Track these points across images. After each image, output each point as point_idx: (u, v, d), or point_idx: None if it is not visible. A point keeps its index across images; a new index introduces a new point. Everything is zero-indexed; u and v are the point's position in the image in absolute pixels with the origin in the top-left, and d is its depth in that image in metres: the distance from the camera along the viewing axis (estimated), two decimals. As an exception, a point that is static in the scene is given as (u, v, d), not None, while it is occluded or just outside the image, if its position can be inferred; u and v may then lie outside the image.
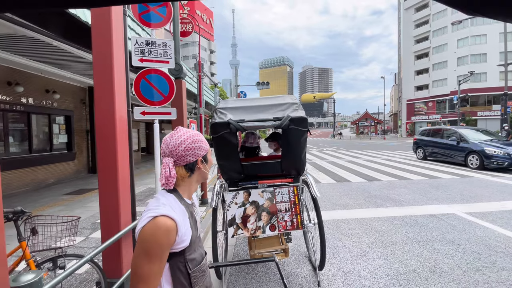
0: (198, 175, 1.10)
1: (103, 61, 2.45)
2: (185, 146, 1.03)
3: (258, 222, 2.51)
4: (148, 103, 3.94)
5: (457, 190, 6.89)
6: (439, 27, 44.34)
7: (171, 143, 1.02)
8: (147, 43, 3.95)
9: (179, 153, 1.02)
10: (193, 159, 1.05)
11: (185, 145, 1.03)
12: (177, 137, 1.04)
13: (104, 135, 2.48)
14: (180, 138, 1.03)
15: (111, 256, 2.54)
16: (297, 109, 2.46)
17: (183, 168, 1.04)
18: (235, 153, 2.48)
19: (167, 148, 1.03)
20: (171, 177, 0.99)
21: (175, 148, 1.02)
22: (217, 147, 2.51)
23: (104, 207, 2.51)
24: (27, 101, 7.79)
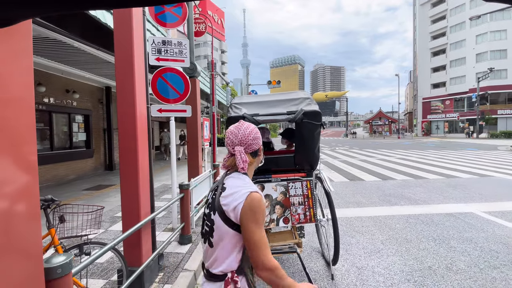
0: (257, 160, 1.27)
1: (125, 59, 2.57)
2: (253, 136, 1.19)
3: (272, 215, 2.56)
4: (165, 101, 4.07)
5: (476, 189, 6.70)
6: (456, 23, 42.88)
7: (240, 134, 1.18)
8: (163, 42, 4.07)
9: (248, 141, 1.18)
10: (256, 147, 1.22)
11: (252, 135, 1.19)
12: (244, 128, 1.20)
13: (126, 131, 2.59)
14: (248, 129, 1.20)
15: (131, 245, 2.66)
16: (311, 104, 2.49)
17: (249, 155, 1.21)
18: None
19: (236, 138, 1.18)
20: (246, 162, 1.16)
21: (245, 138, 1.18)
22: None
23: (125, 199, 2.63)
24: (49, 100, 8.14)
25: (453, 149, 18.28)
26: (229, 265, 1.09)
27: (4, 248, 1.10)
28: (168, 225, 4.48)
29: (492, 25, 38.41)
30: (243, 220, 1.04)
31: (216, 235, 1.10)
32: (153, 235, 3.02)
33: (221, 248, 1.09)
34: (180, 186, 3.68)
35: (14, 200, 1.15)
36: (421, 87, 48.90)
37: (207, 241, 1.14)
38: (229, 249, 1.09)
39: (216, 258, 1.10)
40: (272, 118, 2.39)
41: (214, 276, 1.11)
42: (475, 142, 26.48)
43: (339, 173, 9.80)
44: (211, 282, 1.13)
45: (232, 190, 1.10)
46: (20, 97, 1.17)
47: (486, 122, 36.63)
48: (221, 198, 1.10)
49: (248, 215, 1.03)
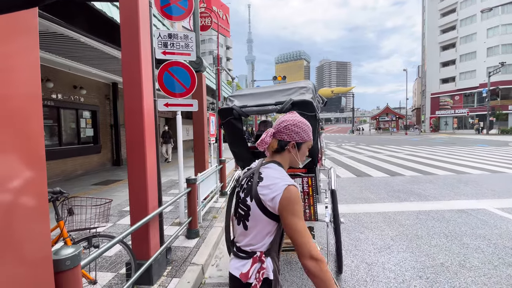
0: (288, 156, 1.24)
1: (132, 54, 2.53)
2: (286, 125, 1.20)
3: None
4: (171, 95, 4.04)
5: (488, 185, 6.54)
6: (467, 16, 41.78)
7: (280, 120, 1.23)
8: (169, 36, 4.03)
9: (279, 128, 1.21)
10: (287, 138, 1.21)
11: (286, 124, 1.20)
12: (286, 116, 1.24)
13: (133, 125, 2.57)
14: (287, 118, 1.23)
15: (140, 239, 2.66)
16: (304, 93, 2.27)
17: (276, 142, 1.22)
18: (242, 139, 2.47)
19: (276, 123, 1.24)
20: (264, 142, 1.21)
21: (279, 124, 1.22)
22: (226, 134, 2.53)
23: (133, 193, 2.62)
24: (57, 96, 8.21)
25: (462, 145, 17.93)
26: (260, 246, 1.16)
27: (13, 240, 1.09)
28: (176, 219, 4.48)
29: (503, 18, 37.31)
30: (283, 213, 1.07)
31: (252, 220, 1.16)
32: (161, 229, 3.02)
33: (256, 232, 1.16)
34: (187, 181, 3.66)
35: (22, 192, 1.14)
36: (429, 82, 47.98)
37: (242, 223, 1.21)
38: (263, 234, 1.15)
39: (250, 240, 1.17)
40: (260, 109, 2.24)
41: (243, 253, 1.19)
42: (485, 138, 25.94)
43: (346, 169, 9.69)
44: (238, 259, 1.21)
45: (269, 181, 1.13)
46: (28, 92, 1.16)
47: (496, 118, 35.81)
48: (258, 188, 1.14)
49: (287, 208, 1.06)
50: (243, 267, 1.17)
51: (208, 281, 2.87)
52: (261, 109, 2.24)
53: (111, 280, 2.70)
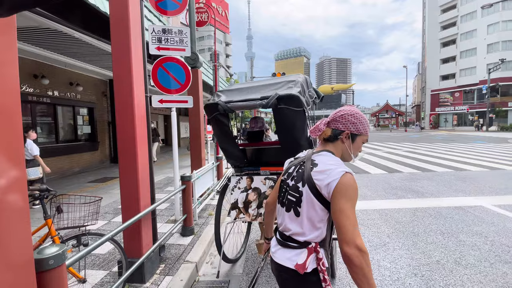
0: (341, 147, 1.22)
1: (121, 47, 2.48)
2: (342, 114, 1.19)
3: (259, 209, 2.43)
4: (166, 91, 3.99)
5: (486, 182, 6.52)
6: (467, 12, 41.53)
7: (340, 111, 1.22)
8: (163, 31, 3.97)
9: (335, 117, 1.20)
10: (341, 127, 1.19)
11: (342, 113, 1.19)
12: (345, 107, 1.23)
13: (124, 122, 2.53)
14: (345, 108, 1.22)
15: (131, 237, 2.62)
16: (292, 87, 2.14)
17: (330, 130, 1.22)
18: (230, 136, 2.42)
19: (337, 113, 1.22)
20: (317, 128, 1.20)
21: (336, 113, 1.22)
22: (213, 130, 2.47)
23: (124, 191, 2.59)
24: (53, 93, 8.14)
25: (462, 142, 17.90)
26: (314, 236, 1.15)
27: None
28: (171, 216, 4.45)
29: (504, 15, 37.09)
30: (336, 197, 1.04)
31: (304, 206, 1.15)
32: (154, 226, 2.99)
33: (308, 219, 1.14)
34: (182, 178, 3.62)
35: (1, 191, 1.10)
36: (429, 79, 47.84)
37: (293, 210, 1.19)
38: (315, 221, 1.14)
39: (302, 227, 1.16)
40: (245, 104, 2.15)
41: (295, 242, 1.18)
42: (484, 135, 25.91)
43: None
44: (287, 249, 1.20)
45: (325, 167, 1.12)
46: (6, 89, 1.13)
47: (496, 115, 35.75)
48: (313, 173, 1.13)
49: (342, 193, 1.04)
50: (297, 257, 1.15)
51: (202, 278, 2.85)
52: (246, 104, 2.16)
53: (103, 278, 2.67)
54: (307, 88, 2.38)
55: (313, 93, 2.59)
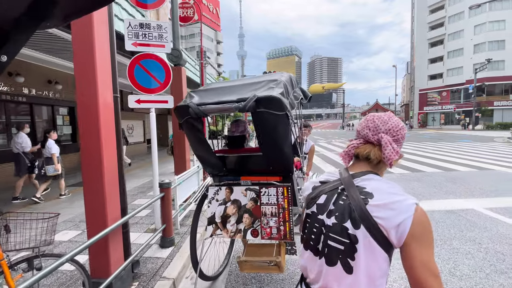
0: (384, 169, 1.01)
1: (83, 38, 2.19)
2: (404, 133, 0.98)
3: (239, 224, 2.17)
4: (144, 90, 3.70)
5: (475, 183, 6.47)
6: (455, 13, 42.25)
7: (391, 123, 0.96)
8: (141, 25, 3.68)
9: (399, 136, 0.96)
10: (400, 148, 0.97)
11: (404, 132, 0.97)
12: (396, 120, 0.98)
13: (86, 125, 2.24)
14: (401, 123, 0.97)
15: (97, 255, 2.35)
16: (273, 87, 1.86)
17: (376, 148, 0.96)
18: (204, 143, 2.16)
19: (384, 125, 0.95)
20: (397, 154, 0.91)
21: (396, 129, 0.95)
22: (187, 136, 2.20)
23: (89, 203, 2.31)
24: (29, 92, 7.68)
25: (450, 141, 18.13)
26: None
27: None
28: (151, 225, 4.17)
29: (490, 15, 37.90)
30: (413, 244, 0.78)
31: (362, 258, 0.82)
32: (126, 240, 2.71)
33: (367, 276, 0.83)
34: (160, 185, 3.35)
35: None
36: (418, 78, 48.56)
37: (341, 263, 0.86)
38: (376, 277, 0.83)
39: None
40: (219, 107, 1.88)
41: None
42: (471, 133, 26.41)
43: (335, 166, 9.54)
44: None
45: (387, 199, 0.84)
46: None
47: (482, 114, 36.56)
48: (370, 208, 0.84)
49: (421, 237, 0.78)
50: None
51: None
52: (220, 107, 1.89)
53: (66, 301, 2.39)
54: (291, 89, 2.13)
55: (299, 93, 2.34)
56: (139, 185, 6.92)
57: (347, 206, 0.88)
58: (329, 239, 0.89)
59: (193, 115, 1.94)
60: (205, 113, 1.94)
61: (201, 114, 1.94)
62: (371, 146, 0.96)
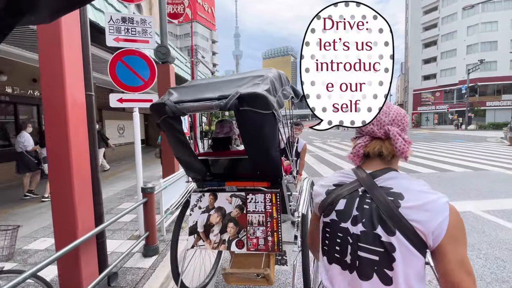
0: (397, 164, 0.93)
1: (48, 28, 1.97)
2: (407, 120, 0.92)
3: (223, 234, 1.98)
4: (126, 88, 3.49)
5: (471, 184, 6.38)
6: (448, 14, 42.64)
7: (393, 112, 0.90)
8: (123, 19, 3.46)
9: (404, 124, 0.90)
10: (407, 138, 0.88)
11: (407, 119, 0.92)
12: (396, 108, 0.92)
13: (53, 125, 2.02)
14: (402, 111, 0.92)
15: (67, 269, 2.14)
16: (259, 83, 1.67)
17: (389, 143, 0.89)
18: (184, 144, 1.95)
19: (387, 117, 0.89)
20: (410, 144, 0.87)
21: (400, 118, 0.90)
22: (166, 137, 2.00)
23: (57, 212, 2.09)
24: (13, 91, 7.37)
25: (443, 141, 18.17)
26: None
27: None
28: (136, 231, 3.95)
29: (483, 16, 38.32)
30: (450, 244, 0.73)
31: (400, 267, 0.75)
32: (102, 251, 2.50)
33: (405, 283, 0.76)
34: (143, 190, 3.14)
35: None
36: (412, 79, 48.91)
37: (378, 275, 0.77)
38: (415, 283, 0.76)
39: None
40: (198, 105, 1.68)
41: None
42: (464, 133, 26.60)
43: (329, 166, 9.40)
44: None
45: (420, 199, 0.77)
46: None
47: (474, 114, 36.93)
48: (403, 211, 0.76)
49: (457, 237, 0.74)
50: None
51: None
52: (199, 104, 1.69)
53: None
54: (280, 86, 1.94)
55: (289, 91, 2.15)
56: (127, 188, 6.68)
57: (374, 211, 0.79)
58: (360, 250, 0.79)
59: (170, 114, 1.74)
60: (183, 112, 1.73)
61: (178, 113, 1.74)
62: (379, 141, 0.89)
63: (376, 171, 0.88)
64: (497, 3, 36.26)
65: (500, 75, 37.32)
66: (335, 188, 0.92)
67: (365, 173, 0.88)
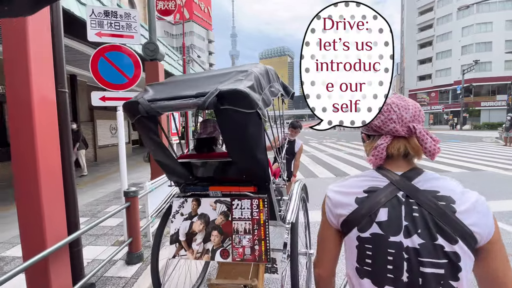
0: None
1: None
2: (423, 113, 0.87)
3: (206, 243, 1.81)
4: (109, 86, 3.30)
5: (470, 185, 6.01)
6: (443, 14, 42.92)
7: (411, 106, 0.84)
8: (106, 13, 3.27)
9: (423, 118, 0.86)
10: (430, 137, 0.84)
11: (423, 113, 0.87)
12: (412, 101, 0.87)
13: (17, 124, 1.84)
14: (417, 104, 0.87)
15: (35, 282, 1.95)
16: (242, 79, 1.51)
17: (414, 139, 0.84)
18: (161, 146, 1.78)
19: (407, 113, 0.83)
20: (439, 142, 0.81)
21: (420, 112, 0.85)
22: (142, 138, 1.82)
23: (23, 221, 1.90)
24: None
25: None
26: None
27: None
28: (121, 236, 3.76)
29: (478, 17, 38.62)
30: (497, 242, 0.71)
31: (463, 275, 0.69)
32: (77, 260, 2.31)
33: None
34: (125, 194, 2.95)
35: None
36: (408, 79, 49.17)
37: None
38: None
39: None
40: (173, 103, 1.51)
41: None
42: (459, 133, 26.70)
43: (325, 167, 9.27)
44: None
45: (467, 200, 0.72)
46: None
47: (469, 114, 37.18)
48: (460, 215, 0.71)
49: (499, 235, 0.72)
50: None
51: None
52: (175, 103, 1.51)
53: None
54: (267, 83, 1.77)
55: (278, 88, 1.98)
56: (116, 190, 6.47)
57: (428, 218, 0.72)
58: (422, 266, 0.70)
59: (144, 114, 1.57)
60: (157, 111, 1.56)
61: (152, 112, 1.56)
62: (402, 140, 0.82)
63: (406, 172, 0.80)
64: (492, 4, 36.56)
65: (495, 75, 37.65)
66: (367, 195, 0.79)
67: (397, 175, 0.80)
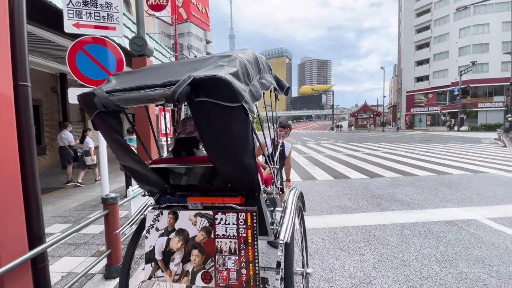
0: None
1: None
2: None
3: (186, 264, 1.53)
4: (88, 82, 3.03)
5: (472, 188, 6.05)
6: (440, 16, 42.99)
7: None
8: (85, 2, 2.99)
9: None
10: None
11: None
12: None
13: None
14: None
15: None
16: (223, 65, 1.19)
17: None
18: (125, 148, 1.48)
19: None
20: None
21: None
22: (104, 139, 1.54)
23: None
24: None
25: (437, 142, 18.03)
26: None
27: None
28: (102, 246, 3.47)
29: (475, 19, 38.70)
30: None
31: None
32: (43, 278, 2.03)
33: None
34: (103, 200, 2.68)
35: None
36: (405, 80, 49.17)
37: None
38: None
39: None
40: (136, 95, 1.20)
41: None
42: (457, 134, 26.63)
43: (324, 169, 9.02)
44: None
45: None
46: None
47: (467, 115, 37.18)
48: None
49: None
50: None
51: None
52: (138, 95, 1.19)
53: None
54: (257, 73, 1.46)
55: (270, 81, 1.68)
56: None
57: None
58: None
59: (102, 108, 1.27)
60: (117, 105, 1.23)
61: (111, 106, 1.24)
62: None
63: None
64: (488, 5, 36.63)
65: (492, 77, 37.72)
66: None
67: None
